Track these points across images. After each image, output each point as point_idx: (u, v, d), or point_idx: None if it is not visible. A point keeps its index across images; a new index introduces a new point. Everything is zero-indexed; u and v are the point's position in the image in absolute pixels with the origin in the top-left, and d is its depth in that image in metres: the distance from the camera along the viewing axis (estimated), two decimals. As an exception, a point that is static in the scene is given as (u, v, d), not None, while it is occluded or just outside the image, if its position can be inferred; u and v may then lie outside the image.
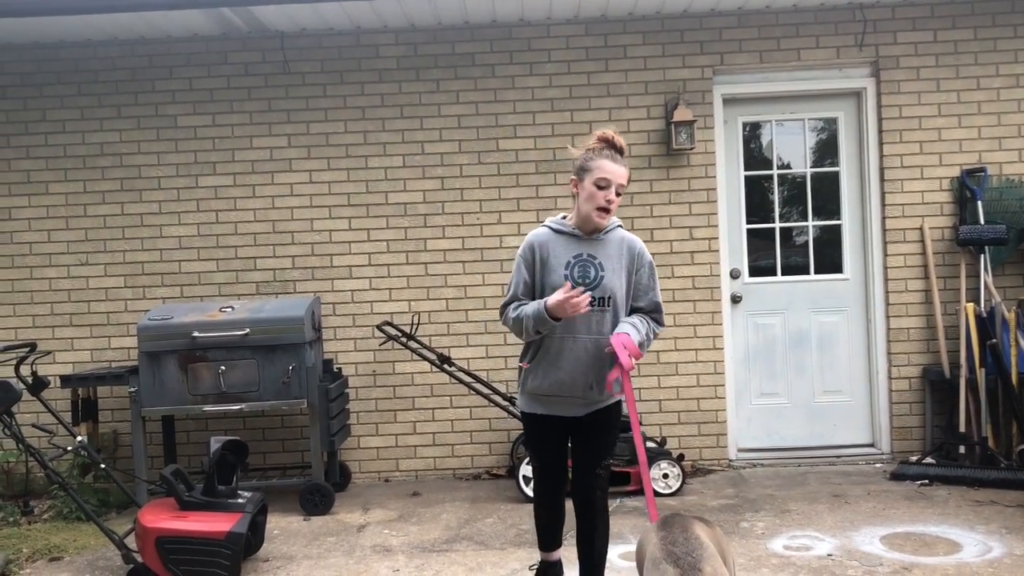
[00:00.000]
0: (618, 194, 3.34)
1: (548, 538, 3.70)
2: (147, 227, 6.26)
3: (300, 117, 6.24)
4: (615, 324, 3.35)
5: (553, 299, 3.22)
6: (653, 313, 3.47)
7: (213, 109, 6.25)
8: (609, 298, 3.35)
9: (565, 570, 3.84)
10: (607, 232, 3.44)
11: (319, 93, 6.23)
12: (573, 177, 3.45)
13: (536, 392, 3.46)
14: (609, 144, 3.38)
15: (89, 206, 6.26)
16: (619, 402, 3.51)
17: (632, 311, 3.45)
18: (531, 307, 3.32)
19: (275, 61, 6.22)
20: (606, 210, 3.33)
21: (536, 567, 3.84)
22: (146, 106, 6.26)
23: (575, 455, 3.57)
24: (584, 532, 3.58)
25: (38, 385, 4.75)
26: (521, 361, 3.52)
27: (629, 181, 3.43)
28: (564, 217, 3.51)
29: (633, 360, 3.22)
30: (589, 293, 3.25)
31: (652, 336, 3.43)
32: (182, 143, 6.25)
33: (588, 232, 3.41)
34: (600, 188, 3.31)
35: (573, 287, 3.25)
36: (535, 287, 3.43)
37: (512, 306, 3.43)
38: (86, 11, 5.46)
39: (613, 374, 3.29)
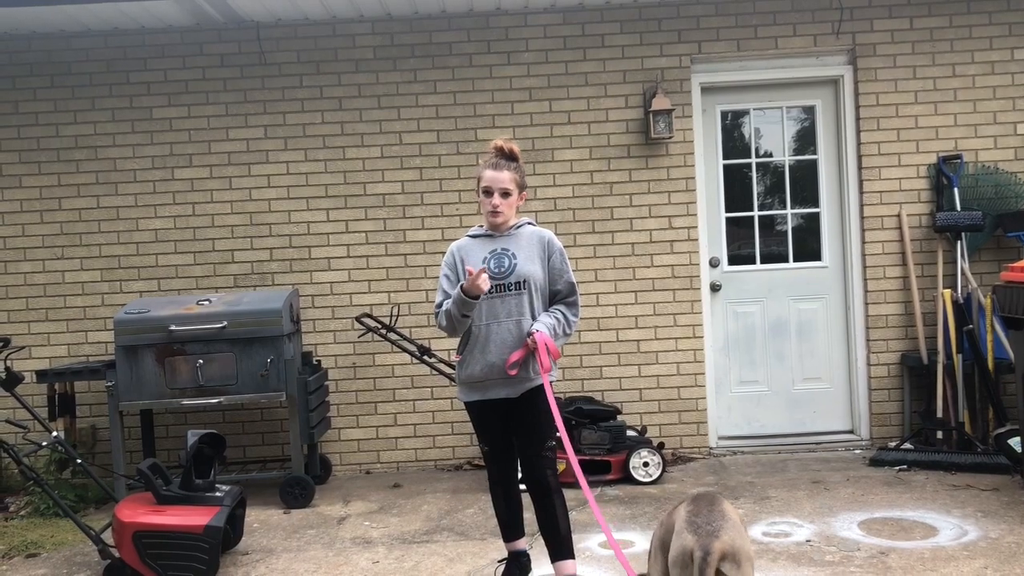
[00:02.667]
0: (506, 195, 3.63)
1: (510, 525, 3.84)
2: (123, 220, 6.21)
3: (276, 108, 6.19)
4: (532, 306, 3.63)
5: (467, 282, 3.48)
6: (570, 296, 3.72)
7: (188, 100, 6.19)
8: (525, 281, 3.62)
9: (540, 559, 3.85)
10: (517, 228, 3.74)
11: (295, 84, 6.19)
12: (476, 189, 3.77)
13: (470, 380, 3.68)
14: (499, 152, 3.68)
15: (64, 199, 6.20)
16: (551, 384, 3.63)
17: (552, 295, 3.71)
18: (449, 302, 3.61)
19: (251, 52, 6.17)
20: (495, 212, 3.64)
21: (503, 560, 3.88)
22: (121, 98, 6.19)
23: (519, 441, 3.71)
24: (543, 514, 3.65)
25: (12, 380, 4.70)
26: (455, 355, 3.76)
27: (521, 183, 3.69)
28: (480, 226, 3.82)
29: (552, 360, 3.52)
30: (486, 269, 3.51)
31: (568, 328, 3.69)
32: (157, 135, 6.20)
33: (500, 232, 3.73)
34: (486, 195, 3.66)
35: (491, 277, 3.55)
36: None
37: (443, 307, 3.69)
38: (58, 1, 5.39)
39: (514, 356, 3.54)
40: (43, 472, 4.99)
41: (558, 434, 3.55)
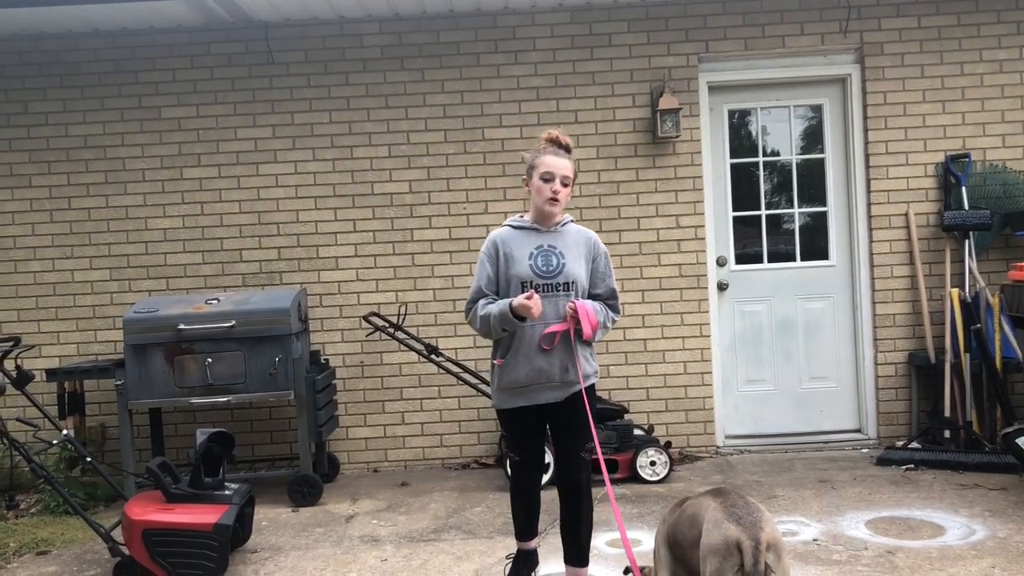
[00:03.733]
0: (565, 185, 3.55)
1: (526, 526, 3.78)
2: (132, 220, 6.23)
3: (284, 107, 6.21)
4: None
5: (517, 300, 3.39)
6: (610, 300, 3.67)
7: (197, 100, 6.22)
8: (572, 283, 3.53)
9: (548, 558, 3.86)
10: (563, 225, 3.65)
11: (303, 83, 6.21)
12: (524, 177, 3.67)
13: (514, 385, 3.55)
14: (554, 143, 3.63)
15: (73, 199, 6.23)
16: (592, 387, 3.59)
17: (591, 298, 3.63)
18: (496, 307, 3.49)
19: (259, 51, 6.19)
20: (554, 200, 3.53)
21: (512, 556, 3.87)
22: (129, 98, 6.22)
23: (557, 441, 3.64)
24: (569, 516, 3.62)
25: (23, 379, 4.73)
26: (495, 359, 3.62)
27: (575, 175, 3.64)
28: (521, 216, 3.72)
29: (592, 326, 3.45)
30: (539, 298, 3.40)
31: (608, 321, 3.63)
32: (166, 135, 6.22)
33: (547, 226, 3.62)
34: (545, 181, 3.54)
35: (537, 276, 3.49)
36: (499, 281, 3.61)
37: (479, 304, 3.58)
38: (67, 1, 5.42)
39: (553, 327, 3.45)
40: (53, 470, 5.01)
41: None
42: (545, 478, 5.13)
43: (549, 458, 5.09)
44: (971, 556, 4.01)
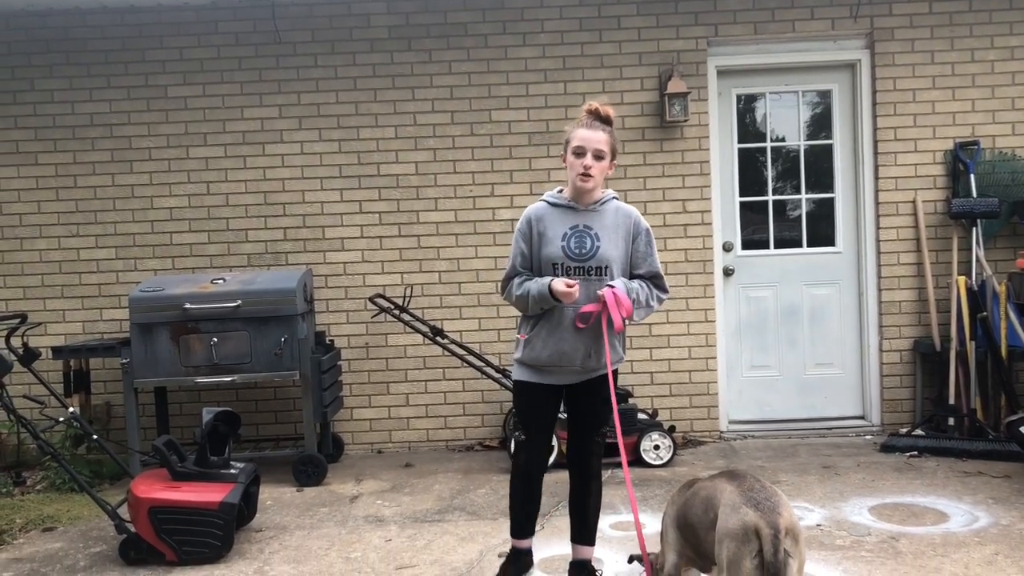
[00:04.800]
0: (599, 158, 3.38)
1: (524, 521, 3.66)
2: (138, 198, 6.23)
3: (291, 88, 6.19)
4: None
5: (558, 285, 3.29)
6: (654, 279, 3.51)
7: (203, 79, 6.19)
8: (606, 267, 3.40)
9: (551, 539, 3.87)
10: (603, 203, 3.48)
11: (310, 63, 6.18)
12: (562, 153, 3.49)
13: (534, 362, 3.47)
14: (593, 115, 3.45)
15: (79, 177, 6.23)
16: (614, 372, 3.48)
17: (633, 278, 3.49)
18: (535, 286, 3.38)
19: (266, 31, 6.16)
20: (586, 175, 3.37)
21: (506, 555, 3.78)
22: (136, 76, 6.20)
23: (572, 422, 3.60)
24: (579, 498, 3.60)
25: (29, 356, 4.74)
26: (519, 333, 3.55)
27: (614, 148, 3.45)
28: (560, 191, 3.56)
29: (623, 314, 3.30)
30: (577, 286, 3.31)
31: (652, 299, 3.47)
32: (172, 113, 6.20)
33: (584, 204, 3.46)
34: (577, 156, 3.38)
35: (568, 258, 3.36)
36: (532, 259, 3.49)
37: (515, 281, 3.48)
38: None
39: (587, 307, 3.34)
40: (59, 447, 5.03)
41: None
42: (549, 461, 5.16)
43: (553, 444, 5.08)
44: (974, 543, 4.02)
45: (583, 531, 3.61)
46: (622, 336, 3.57)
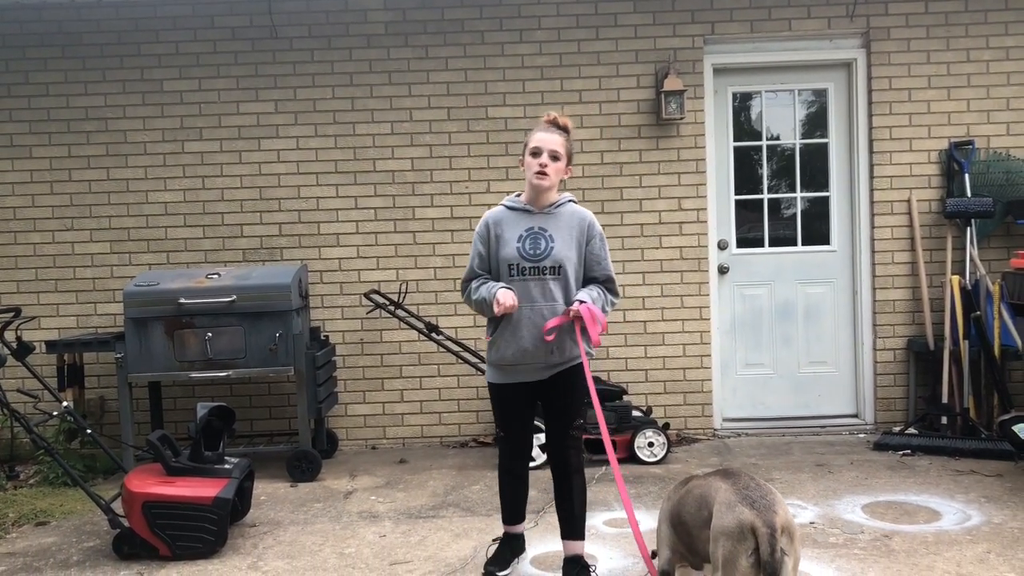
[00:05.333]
0: (555, 159, 3.51)
1: (512, 509, 3.81)
2: (133, 192, 6.21)
3: (287, 82, 6.18)
4: (566, 292, 3.52)
5: (500, 295, 3.42)
6: (607, 283, 3.63)
7: (199, 73, 6.18)
8: (560, 267, 3.52)
9: (545, 536, 3.88)
10: (558, 206, 3.61)
11: (306, 58, 6.17)
12: (520, 156, 3.64)
13: (500, 363, 3.60)
14: (552, 123, 3.60)
15: (74, 170, 6.21)
16: (581, 364, 3.58)
17: (586, 281, 3.61)
18: (485, 291, 3.53)
19: (262, 26, 6.15)
20: (542, 173, 3.50)
21: (498, 539, 3.89)
22: (132, 70, 6.18)
23: (546, 419, 3.68)
24: (561, 493, 3.67)
25: (23, 350, 4.73)
26: (487, 336, 3.67)
27: (570, 153, 3.60)
28: (518, 195, 3.68)
29: (601, 330, 3.43)
30: (516, 305, 3.43)
31: (608, 306, 3.61)
32: (168, 108, 6.19)
33: (540, 207, 3.59)
34: (534, 155, 3.52)
35: (523, 259, 3.51)
36: (490, 261, 3.63)
37: (473, 284, 3.63)
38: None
39: (553, 322, 3.45)
40: (52, 442, 5.02)
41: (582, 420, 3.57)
42: (540, 461, 5.17)
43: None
44: (966, 541, 4.04)
45: (571, 526, 3.66)
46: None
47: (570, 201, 3.65)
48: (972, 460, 5.39)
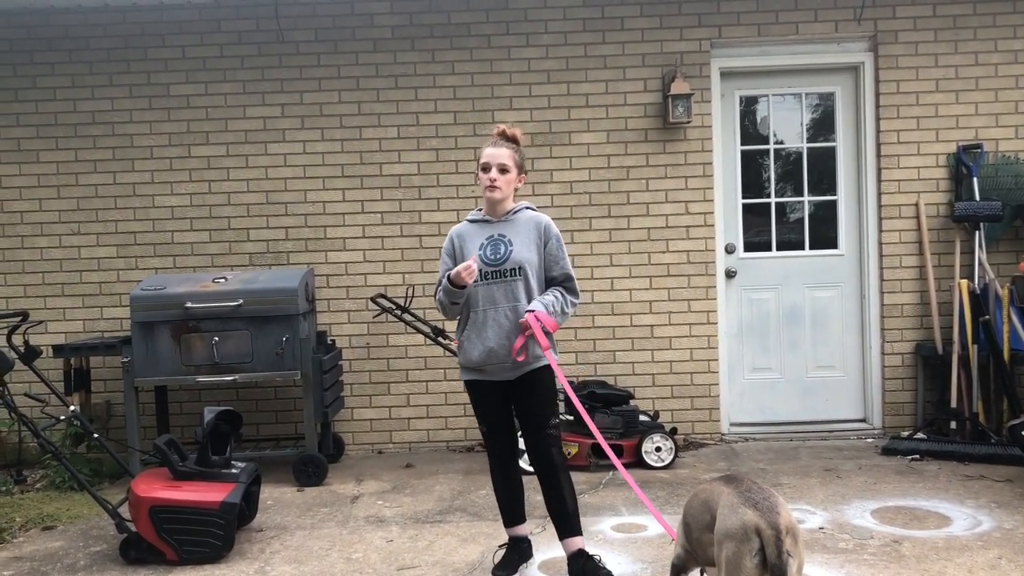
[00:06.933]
0: (504, 171, 3.67)
1: (509, 510, 3.85)
2: (139, 197, 6.22)
3: (294, 87, 6.18)
4: (528, 292, 3.66)
5: (454, 271, 3.56)
6: (566, 283, 3.74)
7: (206, 78, 6.18)
8: (520, 268, 3.66)
9: (552, 542, 3.87)
10: (515, 213, 3.76)
11: (313, 63, 6.17)
12: (475, 172, 3.88)
13: (468, 363, 3.73)
14: (501, 136, 3.76)
15: (81, 175, 6.21)
16: (548, 365, 3.69)
17: (548, 281, 3.74)
18: (444, 281, 3.66)
19: (269, 30, 6.15)
20: (492, 187, 3.67)
21: (505, 544, 3.89)
22: (138, 74, 6.19)
23: (521, 422, 3.74)
24: (550, 492, 3.68)
25: (31, 354, 4.72)
26: (455, 338, 3.81)
27: (519, 163, 3.74)
28: (479, 209, 3.83)
29: (550, 330, 3.57)
30: (477, 260, 3.60)
31: (567, 307, 3.70)
32: (175, 112, 6.19)
33: (498, 216, 3.75)
34: (484, 171, 3.69)
35: (486, 264, 3.65)
36: None
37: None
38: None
39: (517, 344, 3.59)
40: (59, 446, 5.00)
41: (560, 417, 3.59)
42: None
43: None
44: (977, 547, 4.01)
45: (566, 524, 3.67)
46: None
47: (527, 208, 3.80)
48: (982, 465, 5.35)
